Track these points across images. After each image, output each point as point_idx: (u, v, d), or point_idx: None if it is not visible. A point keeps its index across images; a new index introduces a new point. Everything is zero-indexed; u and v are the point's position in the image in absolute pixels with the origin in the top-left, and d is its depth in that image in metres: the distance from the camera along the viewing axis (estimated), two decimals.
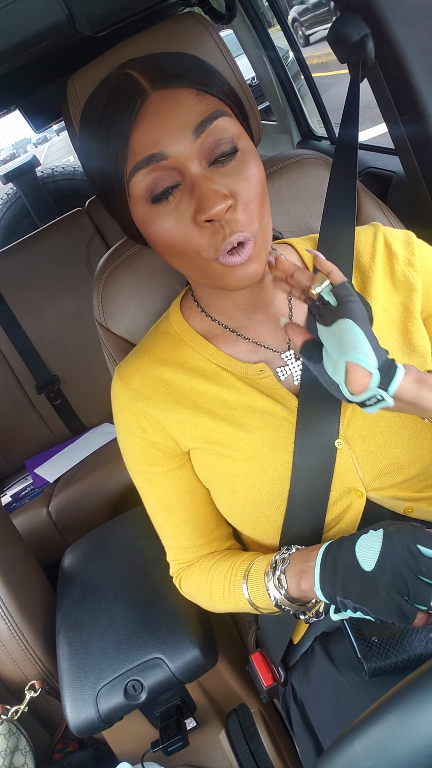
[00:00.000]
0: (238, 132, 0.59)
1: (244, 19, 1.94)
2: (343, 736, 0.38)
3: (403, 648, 0.62)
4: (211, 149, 0.57)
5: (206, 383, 0.71)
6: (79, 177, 2.97)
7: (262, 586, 0.67)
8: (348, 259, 0.72)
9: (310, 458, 0.67)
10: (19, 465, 2.08)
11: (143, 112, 0.57)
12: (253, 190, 0.59)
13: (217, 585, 0.73)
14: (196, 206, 0.56)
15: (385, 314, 0.72)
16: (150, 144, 0.56)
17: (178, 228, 0.58)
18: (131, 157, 0.57)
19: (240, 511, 0.72)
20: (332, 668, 0.72)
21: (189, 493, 0.75)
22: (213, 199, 0.55)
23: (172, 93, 0.57)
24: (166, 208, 0.58)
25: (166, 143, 0.56)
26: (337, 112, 0.97)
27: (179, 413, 0.70)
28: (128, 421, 0.72)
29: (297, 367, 0.71)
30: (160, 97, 0.57)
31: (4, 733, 0.90)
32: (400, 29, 0.84)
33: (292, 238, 0.79)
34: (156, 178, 0.57)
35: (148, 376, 0.72)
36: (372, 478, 0.69)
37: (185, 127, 0.56)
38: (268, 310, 0.71)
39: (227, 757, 1.00)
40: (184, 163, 0.57)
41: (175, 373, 0.71)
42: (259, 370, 0.70)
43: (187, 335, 0.73)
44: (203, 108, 0.57)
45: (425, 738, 0.35)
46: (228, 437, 0.69)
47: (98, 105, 0.60)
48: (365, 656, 0.62)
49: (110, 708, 0.84)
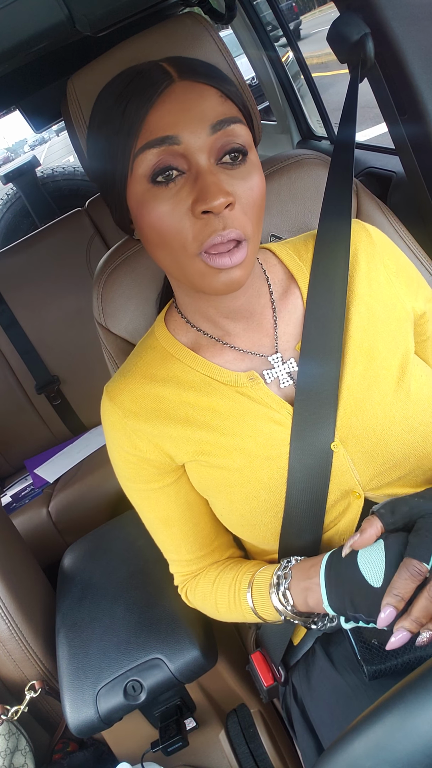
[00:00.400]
0: (250, 143, 0.61)
1: (244, 19, 1.94)
2: (343, 736, 0.38)
3: (403, 650, 0.62)
4: (223, 148, 0.58)
5: (197, 395, 0.70)
6: (79, 177, 2.97)
7: (268, 600, 0.66)
8: (344, 258, 0.72)
9: (305, 463, 0.67)
10: (19, 465, 2.08)
11: (167, 94, 0.58)
12: (254, 199, 0.59)
13: (222, 597, 0.73)
14: (196, 196, 0.56)
15: (369, 310, 0.71)
16: (166, 125, 0.57)
17: (172, 216, 0.58)
18: (144, 134, 0.58)
19: (238, 520, 0.71)
20: (332, 670, 0.72)
21: (187, 506, 0.74)
22: (215, 191, 0.55)
23: (198, 86, 0.59)
24: (165, 193, 0.58)
25: (182, 129, 0.57)
26: (337, 112, 0.97)
27: (172, 428, 0.70)
28: (120, 440, 0.72)
29: (284, 370, 0.70)
30: (186, 86, 0.59)
31: (4, 734, 0.90)
32: (400, 29, 0.84)
33: (271, 243, 0.78)
34: (163, 160, 0.58)
35: (137, 394, 0.71)
36: (369, 478, 0.69)
37: (205, 120, 0.57)
38: (252, 317, 0.71)
39: (227, 757, 1.00)
40: (195, 153, 0.57)
41: (165, 388, 0.71)
42: (249, 378, 0.69)
43: (174, 348, 0.72)
44: (225, 109, 0.59)
45: (425, 738, 0.35)
46: (221, 448, 0.69)
47: (119, 84, 0.61)
48: (365, 659, 0.62)
49: (110, 708, 0.84)
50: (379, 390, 0.68)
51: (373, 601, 0.55)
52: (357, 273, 0.72)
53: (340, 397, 0.68)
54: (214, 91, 0.59)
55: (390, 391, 0.68)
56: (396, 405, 0.68)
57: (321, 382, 0.68)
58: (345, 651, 0.72)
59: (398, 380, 0.68)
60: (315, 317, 0.70)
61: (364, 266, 0.72)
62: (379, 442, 0.68)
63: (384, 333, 0.71)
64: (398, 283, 0.73)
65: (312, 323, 0.70)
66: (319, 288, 0.71)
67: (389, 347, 0.70)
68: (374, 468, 0.69)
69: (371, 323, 0.71)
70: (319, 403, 0.67)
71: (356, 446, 0.68)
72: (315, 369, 0.68)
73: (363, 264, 0.72)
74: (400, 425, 0.68)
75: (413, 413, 0.68)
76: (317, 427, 0.67)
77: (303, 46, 1.87)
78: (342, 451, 0.68)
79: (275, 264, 0.75)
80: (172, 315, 0.75)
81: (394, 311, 0.72)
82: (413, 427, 0.68)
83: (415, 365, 0.71)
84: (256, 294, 0.70)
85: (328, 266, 0.72)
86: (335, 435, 0.68)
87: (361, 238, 0.74)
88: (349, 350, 0.69)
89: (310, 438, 0.67)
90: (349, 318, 0.70)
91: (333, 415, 0.67)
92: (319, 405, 0.67)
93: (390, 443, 0.68)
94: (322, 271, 0.72)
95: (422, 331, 0.77)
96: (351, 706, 0.68)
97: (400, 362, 0.69)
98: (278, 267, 0.75)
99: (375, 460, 0.68)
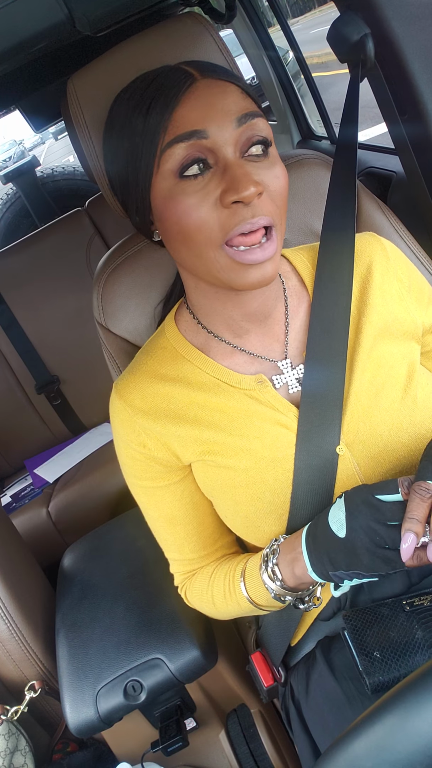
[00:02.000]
0: (271, 136, 0.62)
1: (244, 19, 1.94)
2: (342, 736, 0.38)
3: (405, 662, 0.62)
4: (248, 140, 0.60)
5: (206, 396, 0.70)
6: (79, 177, 2.97)
7: (259, 582, 0.67)
8: (349, 262, 0.73)
9: (311, 466, 0.67)
10: (19, 465, 2.08)
11: (191, 92, 0.60)
12: (281, 187, 0.61)
13: (217, 589, 0.73)
14: (226, 186, 0.57)
15: (381, 320, 0.72)
16: (194, 120, 0.58)
17: (200, 207, 0.59)
18: (172, 130, 0.59)
19: (243, 521, 0.71)
20: (331, 677, 0.72)
21: (192, 505, 0.74)
22: (246, 182, 0.56)
23: (220, 83, 0.61)
24: (194, 186, 0.59)
25: (209, 123, 0.58)
26: (337, 112, 0.97)
27: (180, 428, 0.70)
28: (129, 437, 0.72)
29: (293, 375, 0.71)
30: (208, 83, 0.61)
31: (3, 734, 0.90)
32: (400, 29, 0.84)
33: (283, 249, 0.79)
34: (192, 153, 0.59)
35: (147, 393, 0.71)
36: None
37: (230, 114, 0.59)
38: (267, 320, 0.71)
39: (227, 757, 1.00)
40: (222, 146, 0.58)
41: (174, 387, 0.71)
42: (258, 381, 0.70)
43: (185, 350, 0.72)
44: (247, 104, 0.61)
45: (425, 738, 0.35)
46: (229, 448, 0.69)
47: (137, 89, 0.63)
48: (367, 671, 0.62)
49: (110, 708, 0.84)
50: (386, 397, 0.69)
51: (343, 550, 0.58)
52: (371, 284, 0.73)
53: (348, 403, 0.69)
54: (235, 87, 0.61)
55: (397, 398, 0.69)
56: (403, 412, 0.68)
57: (326, 386, 0.68)
58: (345, 659, 0.72)
59: (405, 388, 0.69)
60: (320, 320, 0.71)
61: (379, 278, 0.73)
62: (386, 449, 0.68)
63: (393, 343, 0.72)
64: (410, 298, 0.74)
65: (317, 326, 0.71)
66: (324, 291, 0.72)
67: (397, 357, 0.71)
68: (380, 474, 0.69)
69: (381, 333, 0.71)
70: (324, 406, 0.68)
71: (362, 451, 0.69)
72: (320, 373, 0.69)
73: (377, 276, 0.73)
74: (407, 432, 0.68)
75: (420, 421, 0.69)
76: (323, 430, 0.67)
77: (303, 46, 1.87)
78: (348, 455, 0.69)
79: (289, 270, 0.76)
80: (183, 315, 0.75)
81: (403, 323, 0.73)
82: (420, 434, 0.69)
83: (422, 374, 0.72)
84: (273, 297, 0.70)
85: (333, 270, 0.72)
86: (341, 439, 0.68)
87: (376, 250, 0.75)
88: (359, 358, 0.70)
89: (316, 441, 0.67)
90: (360, 327, 0.71)
91: (338, 419, 0.68)
92: (324, 408, 0.68)
93: (397, 450, 0.68)
94: (327, 276, 0.72)
95: (427, 342, 0.78)
96: (345, 715, 0.68)
97: (408, 371, 0.71)
98: (292, 274, 0.76)
99: (381, 466, 0.69)
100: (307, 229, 0.94)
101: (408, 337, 0.73)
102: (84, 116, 0.79)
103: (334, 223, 0.76)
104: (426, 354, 0.78)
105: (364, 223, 0.94)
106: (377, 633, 0.64)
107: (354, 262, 0.73)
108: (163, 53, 0.80)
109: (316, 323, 0.71)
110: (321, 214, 0.80)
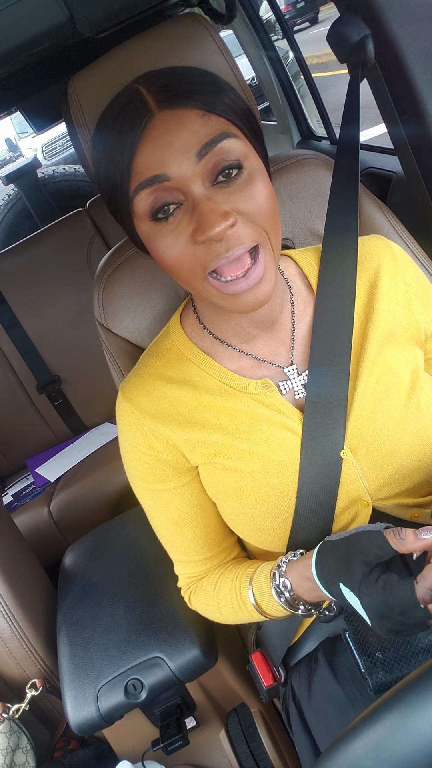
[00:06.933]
0: (245, 152, 0.59)
1: (244, 19, 1.95)
2: (343, 736, 0.38)
3: (407, 663, 0.62)
4: (214, 169, 0.57)
5: (213, 398, 0.70)
6: (80, 178, 2.98)
7: (268, 590, 0.67)
8: (352, 264, 0.72)
9: (315, 470, 0.67)
10: (21, 464, 2.09)
11: (147, 133, 0.57)
12: (257, 207, 0.58)
13: (224, 598, 0.73)
14: (195, 226, 0.56)
15: (387, 326, 0.72)
16: (154, 165, 0.56)
17: (176, 246, 0.58)
18: (135, 177, 0.58)
19: (247, 524, 0.71)
20: (333, 680, 0.72)
21: (199, 507, 0.74)
22: (213, 219, 0.55)
23: (177, 113, 0.57)
24: (167, 228, 0.58)
25: (169, 165, 0.56)
26: (337, 112, 0.97)
27: (188, 431, 0.70)
28: (137, 440, 0.71)
29: (299, 381, 0.71)
30: (165, 117, 0.57)
31: (5, 732, 0.90)
32: (400, 29, 0.84)
33: (291, 250, 0.79)
34: (158, 197, 0.57)
35: (155, 395, 0.71)
36: (377, 488, 0.70)
37: (189, 149, 0.56)
38: (273, 326, 0.71)
39: (227, 757, 1.01)
40: (187, 184, 0.56)
41: (181, 390, 0.71)
42: (264, 386, 0.70)
43: (191, 352, 0.72)
44: (208, 130, 0.57)
45: (425, 738, 0.35)
46: (236, 451, 0.69)
47: (110, 119, 0.61)
48: (369, 672, 0.62)
49: (111, 706, 0.84)
50: (390, 402, 0.69)
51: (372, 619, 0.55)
52: (379, 289, 0.73)
53: (352, 407, 0.69)
54: (195, 112, 0.57)
55: (401, 404, 0.69)
56: (407, 418, 0.69)
57: (330, 391, 0.68)
58: (347, 662, 0.73)
59: (409, 394, 0.69)
60: (323, 324, 0.71)
61: (386, 283, 0.73)
62: (389, 453, 0.68)
63: (398, 349, 0.72)
64: (416, 303, 0.74)
65: (321, 330, 0.70)
66: (328, 294, 0.71)
67: (402, 363, 0.71)
68: (383, 478, 0.69)
69: (387, 339, 0.71)
70: (328, 410, 0.68)
71: (366, 456, 0.69)
72: (324, 377, 0.69)
73: (385, 281, 0.73)
74: (411, 437, 0.68)
75: (424, 426, 0.69)
76: (326, 434, 0.68)
77: (303, 46, 1.87)
78: (351, 460, 0.69)
79: (295, 273, 0.75)
80: (189, 317, 0.75)
81: (408, 329, 0.73)
82: (423, 439, 0.69)
83: (425, 380, 0.72)
84: (279, 302, 0.70)
85: (336, 273, 0.72)
86: (345, 443, 0.68)
87: (385, 255, 0.74)
88: (365, 363, 0.70)
89: (320, 445, 0.67)
90: (367, 333, 0.71)
91: (342, 423, 0.68)
92: (328, 412, 0.68)
93: (400, 454, 0.68)
94: (330, 279, 0.72)
95: (430, 349, 0.77)
96: (348, 718, 0.68)
97: (412, 377, 0.71)
98: (298, 277, 0.75)
99: (384, 471, 0.69)
100: (307, 230, 0.94)
101: (412, 343, 0.73)
102: (85, 117, 0.79)
103: (337, 225, 0.76)
104: (429, 361, 0.77)
105: (364, 224, 0.94)
106: (378, 634, 0.64)
107: (361, 265, 0.73)
108: (164, 54, 0.80)
109: (320, 327, 0.70)
110: (321, 214, 0.80)
